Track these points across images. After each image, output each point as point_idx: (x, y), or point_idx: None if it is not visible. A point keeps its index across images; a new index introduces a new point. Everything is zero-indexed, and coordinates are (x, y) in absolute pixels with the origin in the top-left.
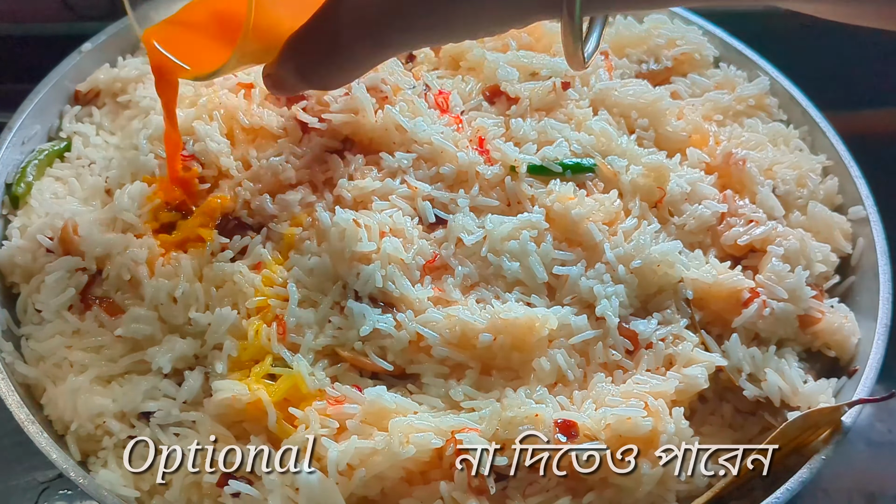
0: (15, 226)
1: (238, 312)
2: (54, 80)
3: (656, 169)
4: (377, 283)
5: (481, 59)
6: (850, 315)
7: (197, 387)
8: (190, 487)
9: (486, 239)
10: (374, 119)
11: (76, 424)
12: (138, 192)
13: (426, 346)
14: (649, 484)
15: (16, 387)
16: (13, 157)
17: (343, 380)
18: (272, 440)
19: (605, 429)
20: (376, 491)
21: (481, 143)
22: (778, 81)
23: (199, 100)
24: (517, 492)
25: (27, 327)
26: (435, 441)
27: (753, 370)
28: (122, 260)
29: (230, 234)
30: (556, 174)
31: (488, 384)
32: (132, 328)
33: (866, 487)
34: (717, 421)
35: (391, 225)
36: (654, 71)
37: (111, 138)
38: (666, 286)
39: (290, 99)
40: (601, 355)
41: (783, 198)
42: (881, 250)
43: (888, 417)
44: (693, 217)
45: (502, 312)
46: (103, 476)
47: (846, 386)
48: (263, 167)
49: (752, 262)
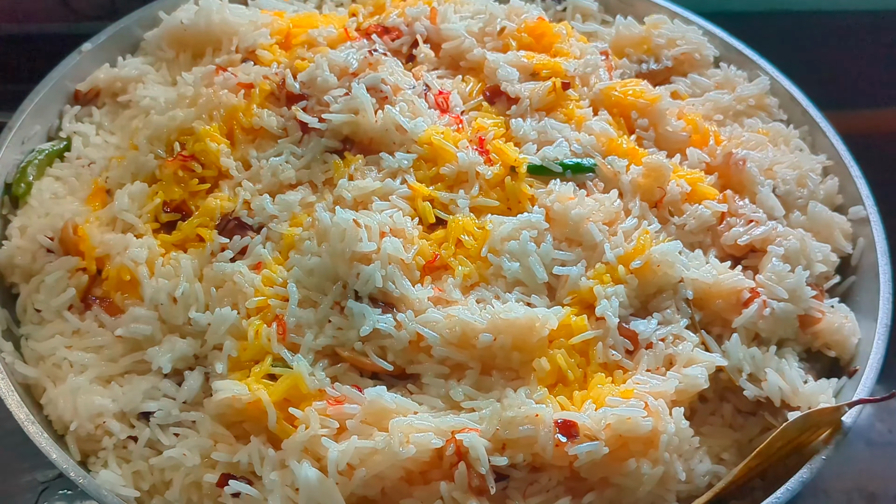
0: (15, 226)
1: (238, 312)
2: (54, 79)
3: (656, 169)
4: (377, 283)
5: (481, 58)
6: (850, 315)
7: (197, 387)
8: (190, 487)
9: (486, 239)
10: (374, 119)
11: (76, 424)
12: (138, 192)
13: (426, 346)
14: (649, 484)
15: (15, 387)
16: (13, 156)
17: (343, 380)
18: (272, 440)
19: (606, 429)
20: (376, 491)
21: (481, 143)
22: (778, 81)
23: (198, 100)
24: (517, 492)
25: (27, 327)
26: (435, 441)
27: (754, 370)
28: (122, 260)
29: (230, 234)
30: (556, 174)
31: (488, 384)
32: (132, 328)
33: (866, 487)
34: (718, 421)
35: (391, 225)
36: (654, 71)
37: (111, 138)
38: (666, 286)
39: (290, 99)
40: (601, 355)
41: (783, 198)
42: (881, 250)
43: (888, 417)
44: (693, 217)
45: (502, 312)
46: (103, 476)
47: (846, 386)
48: (263, 167)
49: (753, 262)
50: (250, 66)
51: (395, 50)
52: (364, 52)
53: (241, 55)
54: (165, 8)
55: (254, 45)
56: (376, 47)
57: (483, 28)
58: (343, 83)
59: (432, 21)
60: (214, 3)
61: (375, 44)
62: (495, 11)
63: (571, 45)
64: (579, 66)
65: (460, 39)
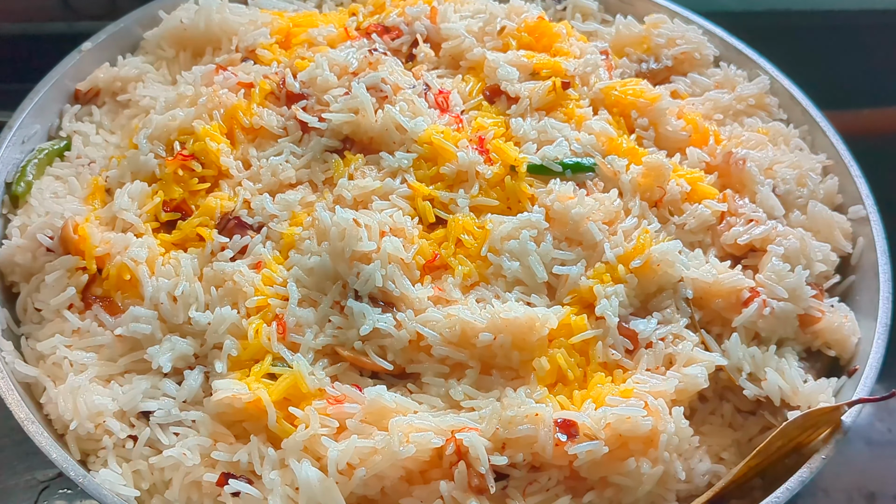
0: (15, 225)
1: (238, 312)
2: (54, 79)
3: (656, 168)
4: (377, 282)
5: (481, 58)
6: (850, 314)
7: (197, 386)
8: (190, 486)
9: (486, 238)
10: (374, 118)
11: (76, 424)
12: (138, 192)
13: (426, 346)
14: (649, 483)
15: (16, 386)
16: (13, 155)
17: (343, 379)
18: (272, 439)
19: (605, 428)
20: (376, 490)
21: (481, 143)
22: (778, 81)
23: (198, 99)
24: (517, 491)
25: (27, 326)
26: (435, 440)
27: (753, 369)
28: (123, 259)
29: (230, 234)
30: (556, 173)
31: (488, 383)
32: (132, 327)
33: (866, 487)
34: (717, 420)
35: (391, 224)
36: (654, 70)
37: (111, 137)
38: (666, 285)
39: (291, 98)
40: (601, 355)
41: (783, 197)
42: (881, 249)
43: (888, 417)
44: (693, 216)
45: (502, 312)
46: (103, 475)
47: (846, 385)
48: (263, 166)
49: (753, 261)
50: (250, 65)
51: (395, 49)
52: (364, 52)
53: (241, 54)
54: (165, 7)
55: (254, 44)
56: (376, 46)
57: (483, 27)
58: (343, 82)
59: (432, 20)
60: (214, 3)
61: (375, 43)
62: (495, 11)
63: (571, 44)
64: (579, 66)
65: (460, 39)
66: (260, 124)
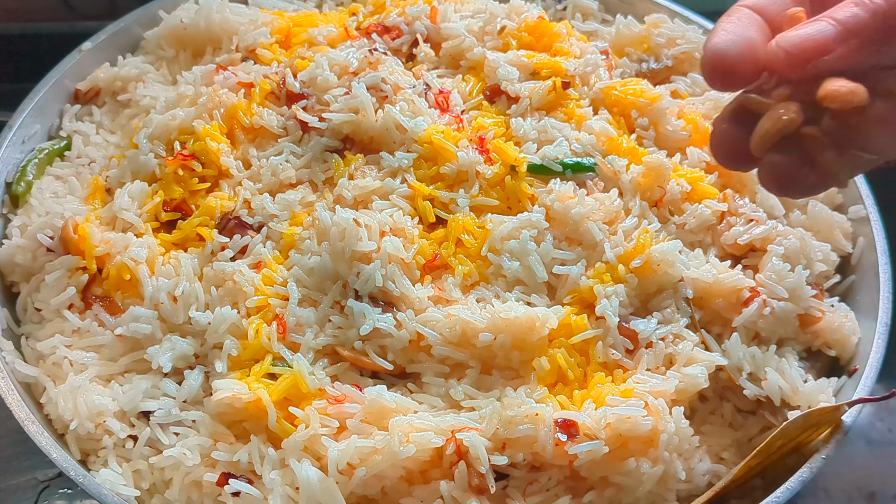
0: (15, 225)
1: (238, 311)
2: (54, 78)
3: (656, 168)
4: (377, 282)
5: (481, 58)
6: (850, 314)
7: (197, 386)
8: (190, 486)
9: (486, 238)
10: (374, 118)
11: (76, 423)
12: (138, 192)
13: (426, 346)
14: (649, 483)
15: (16, 386)
16: (13, 155)
17: (343, 379)
18: (272, 439)
19: (606, 428)
20: (376, 490)
21: (481, 143)
22: None
23: (198, 99)
24: (517, 491)
25: (27, 326)
26: (435, 440)
27: (754, 369)
28: (123, 259)
29: (230, 234)
30: (557, 173)
31: (488, 383)
32: (132, 327)
33: (866, 486)
34: (718, 420)
35: (391, 224)
36: (654, 70)
37: (111, 137)
38: (666, 285)
39: (291, 98)
40: (601, 354)
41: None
42: (881, 249)
43: (888, 417)
44: (693, 216)
45: (502, 312)
46: (103, 475)
47: (846, 385)
48: (263, 166)
49: (753, 261)
50: (250, 65)
51: (396, 49)
52: (364, 51)
53: (241, 54)
54: (165, 7)
55: (254, 43)
56: (376, 46)
57: (483, 27)
58: (343, 82)
59: (432, 20)
60: (214, 2)
61: (375, 43)
62: (495, 10)
63: (571, 44)
64: (579, 66)
65: (460, 38)
66: (260, 124)
